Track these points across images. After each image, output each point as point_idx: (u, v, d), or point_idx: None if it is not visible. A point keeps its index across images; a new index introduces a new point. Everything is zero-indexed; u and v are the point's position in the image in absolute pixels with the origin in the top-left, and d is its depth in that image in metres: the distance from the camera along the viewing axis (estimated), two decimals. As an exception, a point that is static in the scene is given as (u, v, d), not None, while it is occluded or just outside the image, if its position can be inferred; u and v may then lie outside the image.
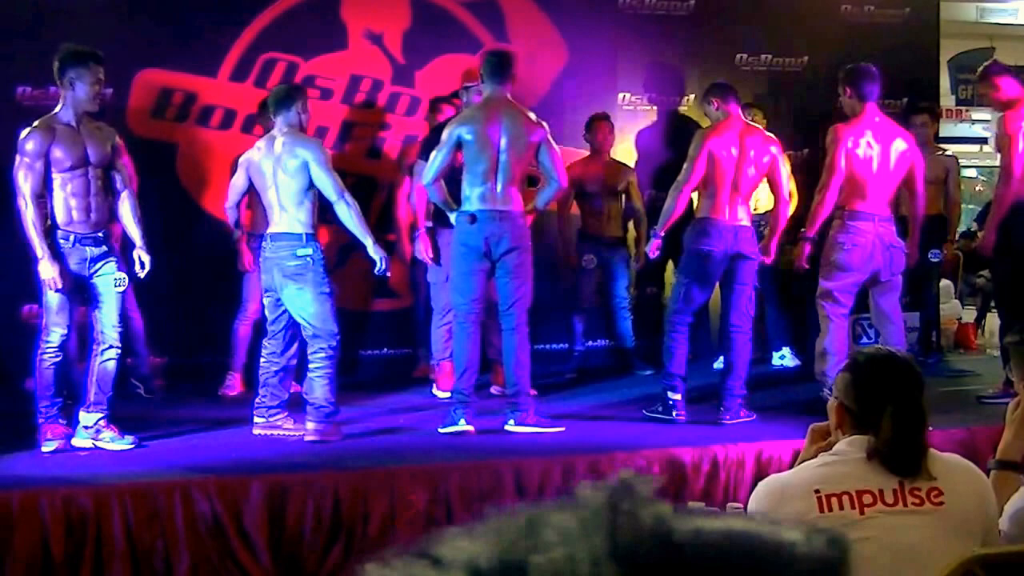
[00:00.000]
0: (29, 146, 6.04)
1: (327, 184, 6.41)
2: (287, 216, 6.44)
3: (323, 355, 6.44)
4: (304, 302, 6.42)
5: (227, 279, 7.81)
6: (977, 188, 16.29)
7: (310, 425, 6.49)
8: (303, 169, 6.36)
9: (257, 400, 6.62)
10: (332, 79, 8.54)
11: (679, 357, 7.05)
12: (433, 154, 6.78)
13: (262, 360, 6.63)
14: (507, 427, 6.65)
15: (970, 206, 18.07)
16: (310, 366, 6.51)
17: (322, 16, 8.53)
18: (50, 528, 5.26)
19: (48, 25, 7.87)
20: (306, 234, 6.44)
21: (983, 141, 16.85)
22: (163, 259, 7.40)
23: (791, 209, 7.55)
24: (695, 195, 7.18)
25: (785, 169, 7.30)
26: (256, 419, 6.59)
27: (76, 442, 6.21)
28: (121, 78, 8.01)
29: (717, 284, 7.12)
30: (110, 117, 6.86)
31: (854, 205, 6.99)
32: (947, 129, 11.55)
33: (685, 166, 7.01)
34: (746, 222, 7.06)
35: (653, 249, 7.17)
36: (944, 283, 10.63)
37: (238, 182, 6.73)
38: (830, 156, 7.02)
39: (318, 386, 6.45)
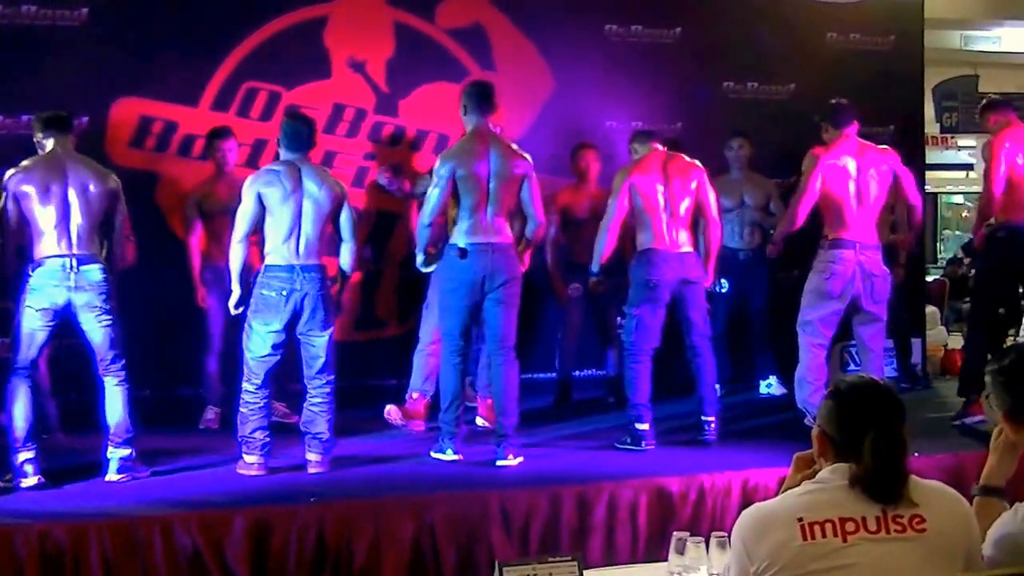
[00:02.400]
0: None
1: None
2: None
3: (329, 388, 6.54)
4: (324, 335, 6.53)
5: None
6: (964, 215, 16.32)
7: (314, 456, 6.51)
8: None
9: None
10: (315, 108, 8.48)
11: (641, 387, 7.10)
12: (430, 191, 6.79)
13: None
14: (500, 463, 6.60)
15: (956, 232, 18.13)
16: (315, 399, 6.53)
17: (305, 44, 8.50)
18: (26, 564, 5.20)
19: (23, 53, 7.84)
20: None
21: (968, 167, 16.90)
22: (143, 291, 7.38)
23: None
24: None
25: (711, 193, 7.38)
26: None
27: (110, 476, 6.29)
28: (98, 106, 7.99)
29: (666, 310, 7.18)
30: (86, 146, 6.85)
31: (836, 233, 7.13)
32: (932, 156, 11.60)
33: (609, 203, 7.22)
34: (688, 248, 7.19)
35: (593, 285, 7.46)
36: (930, 310, 10.70)
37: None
38: (804, 179, 7.23)
39: (323, 419, 6.51)
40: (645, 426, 7.05)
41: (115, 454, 6.30)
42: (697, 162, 7.38)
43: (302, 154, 6.65)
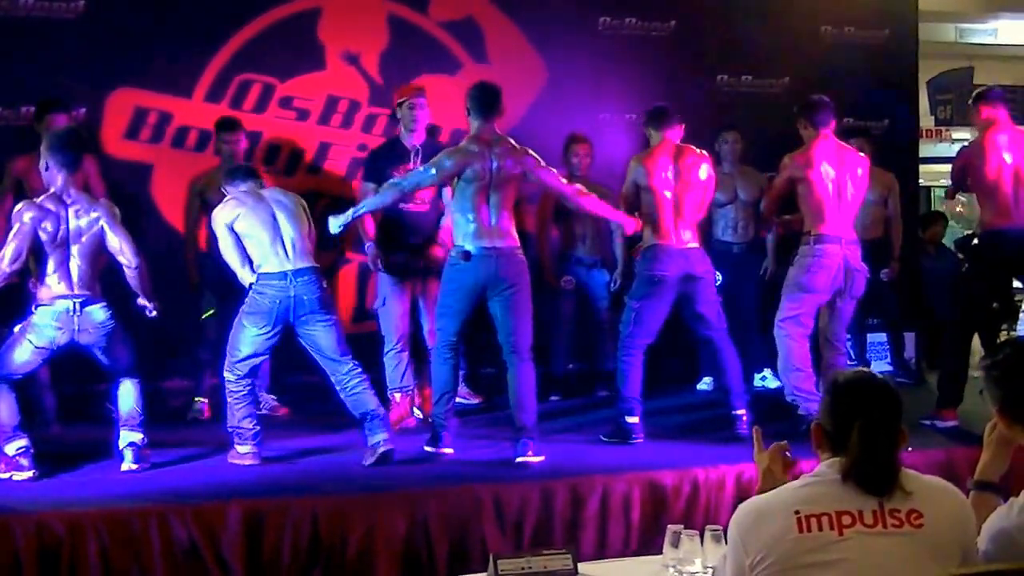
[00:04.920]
0: None
1: None
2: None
3: (359, 370, 6.59)
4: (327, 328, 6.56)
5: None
6: (958, 209, 16.30)
7: (380, 436, 6.51)
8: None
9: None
10: (309, 100, 8.54)
11: (633, 380, 7.09)
12: (421, 168, 6.77)
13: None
14: (519, 459, 6.54)
15: (950, 225, 18.05)
16: (350, 384, 6.54)
17: (299, 36, 8.54)
18: (23, 555, 5.21)
19: (21, 44, 7.86)
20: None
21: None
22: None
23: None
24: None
25: (712, 187, 7.37)
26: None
27: (125, 466, 6.33)
28: (95, 98, 8.01)
29: (669, 307, 7.17)
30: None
31: (819, 229, 7.13)
32: (926, 149, 11.60)
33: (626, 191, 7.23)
34: (694, 244, 7.17)
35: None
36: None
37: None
38: (777, 179, 7.45)
39: (368, 395, 6.56)
40: (635, 419, 7.05)
41: (127, 438, 6.34)
42: (705, 153, 7.36)
43: (253, 182, 6.69)
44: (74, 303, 6.19)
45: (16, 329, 6.28)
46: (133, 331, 6.52)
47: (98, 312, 6.25)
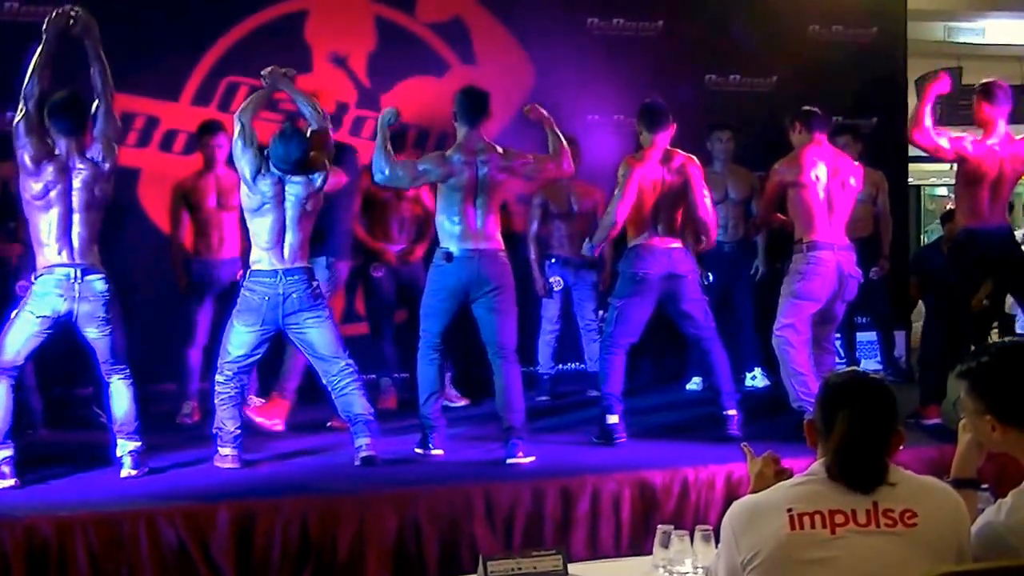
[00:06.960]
0: None
1: None
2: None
3: (351, 370, 6.54)
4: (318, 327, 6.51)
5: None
6: (947, 207, 16.31)
7: (363, 440, 6.48)
8: None
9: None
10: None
11: (614, 378, 7.11)
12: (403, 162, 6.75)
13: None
14: (509, 461, 6.53)
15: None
16: (341, 383, 6.50)
17: (286, 39, 8.54)
18: (11, 559, 5.19)
19: (7, 49, 7.81)
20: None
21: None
22: (125, 286, 7.35)
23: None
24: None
25: (702, 187, 7.23)
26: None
27: (125, 472, 6.29)
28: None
29: (652, 306, 7.16)
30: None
31: (810, 236, 7.13)
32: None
33: (616, 191, 7.07)
34: (676, 244, 7.17)
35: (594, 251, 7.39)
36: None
37: None
38: (768, 183, 7.48)
39: (358, 397, 6.53)
40: (615, 418, 7.06)
41: (126, 447, 6.31)
42: (694, 158, 7.29)
43: (290, 170, 6.48)
44: (75, 270, 6.16)
45: (13, 314, 6.24)
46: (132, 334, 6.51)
47: (98, 282, 6.21)
